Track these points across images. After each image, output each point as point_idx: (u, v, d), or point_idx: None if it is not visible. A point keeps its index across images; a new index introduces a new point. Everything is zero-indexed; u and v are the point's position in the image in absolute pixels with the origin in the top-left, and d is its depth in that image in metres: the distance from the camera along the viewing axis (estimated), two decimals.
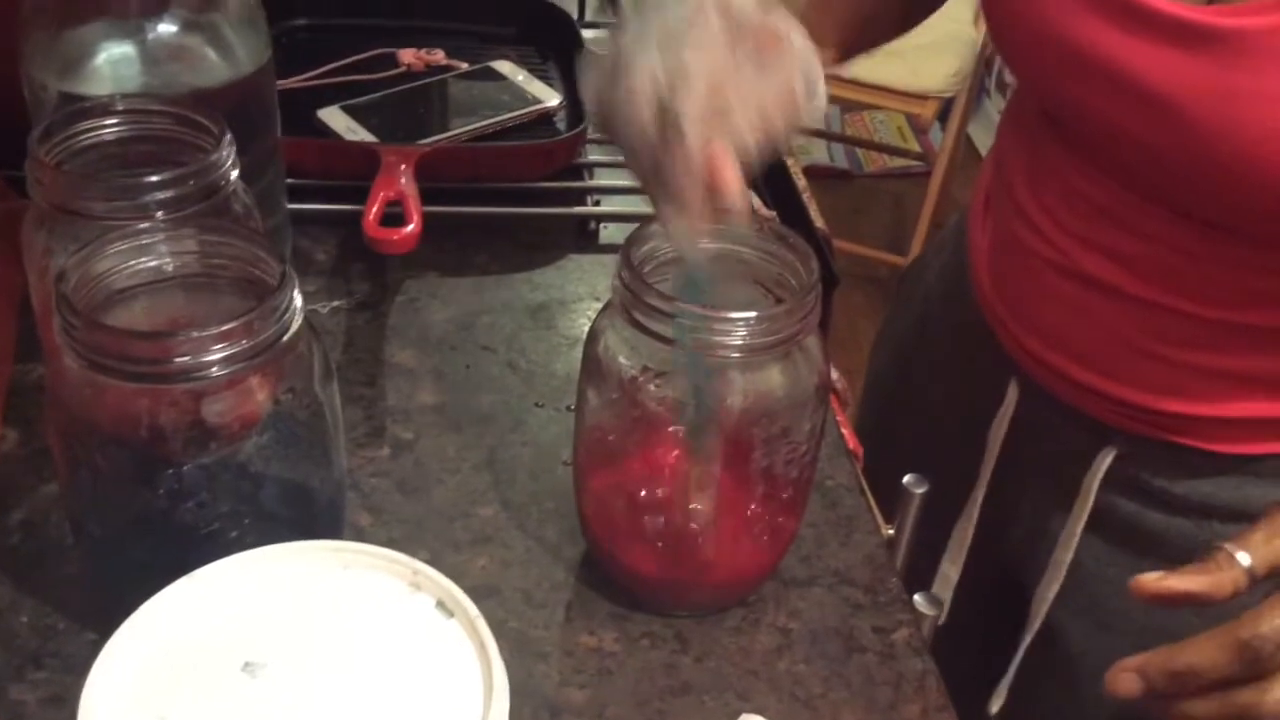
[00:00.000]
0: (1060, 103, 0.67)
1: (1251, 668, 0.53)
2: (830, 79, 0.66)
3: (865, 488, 0.72)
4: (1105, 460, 0.72)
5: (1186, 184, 0.62)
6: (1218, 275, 0.65)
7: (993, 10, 0.69)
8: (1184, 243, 0.64)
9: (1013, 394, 0.76)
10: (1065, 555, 0.76)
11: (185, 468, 0.51)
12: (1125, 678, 0.55)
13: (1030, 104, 0.74)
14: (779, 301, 0.57)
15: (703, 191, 0.52)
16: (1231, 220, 0.62)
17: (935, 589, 0.84)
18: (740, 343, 0.54)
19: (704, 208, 0.52)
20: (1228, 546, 0.55)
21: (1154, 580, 0.55)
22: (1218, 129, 0.58)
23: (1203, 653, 0.53)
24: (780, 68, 0.55)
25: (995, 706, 0.82)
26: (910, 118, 2.90)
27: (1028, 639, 0.79)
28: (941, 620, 0.77)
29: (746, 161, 0.53)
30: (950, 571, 0.83)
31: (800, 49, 0.57)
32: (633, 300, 0.55)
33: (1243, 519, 0.67)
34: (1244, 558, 0.55)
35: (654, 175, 0.53)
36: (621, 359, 0.58)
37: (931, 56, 2.19)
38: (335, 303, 0.79)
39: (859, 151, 2.97)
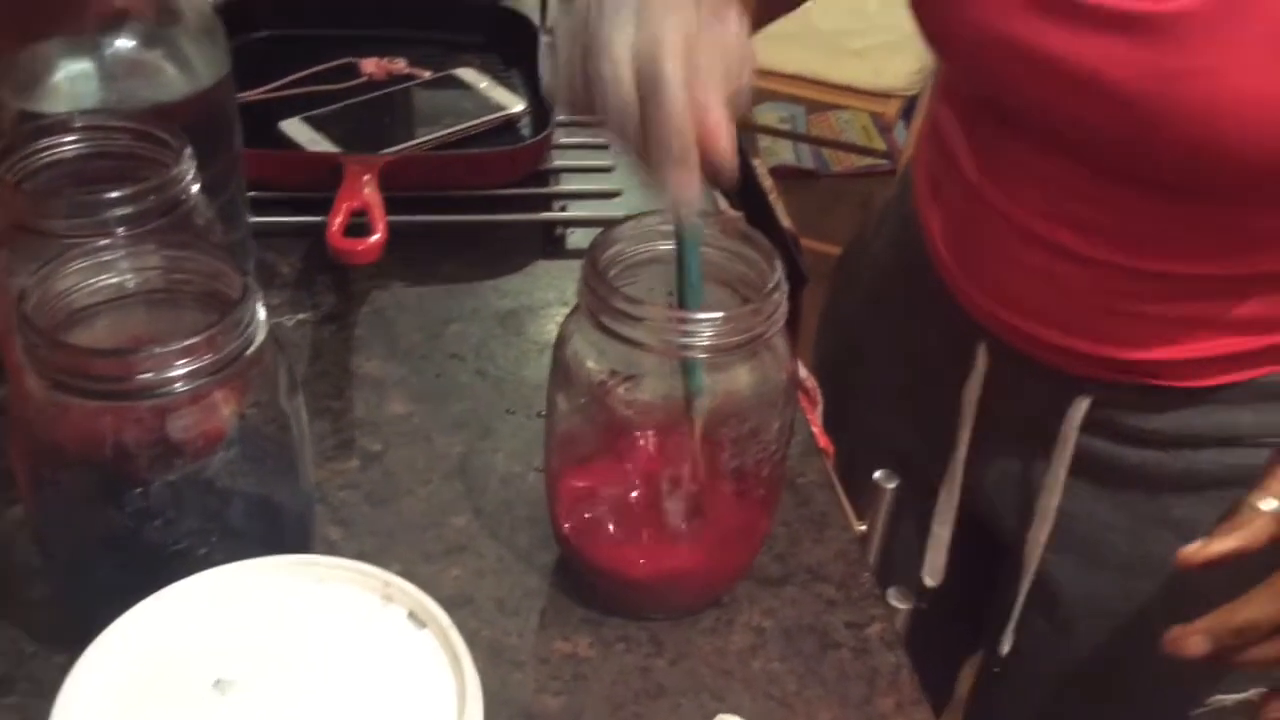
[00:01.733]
0: (1007, 97, 0.68)
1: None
2: (795, 80, 0.66)
3: (837, 484, 0.72)
4: (1080, 408, 0.75)
5: (1141, 161, 0.63)
6: (1183, 235, 0.66)
7: (924, 13, 0.70)
8: (1148, 210, 0.66)
9: (982, 357, 0.78)
10: (1051, 501, 0.78)
11: (151, 486, 0.51)
12: (1194, 640, 0.60)
13: (966, 91, 0.75)
14: (746, 301, 0.58)
15: (694, 145, 0.52)
16: (1191, 186, 0.63)
17: (928, 556, 0.85)
18: (708, 343, 0.54)
19: (696, 162, 0.52)
20: (1250, 498, 0.59)
21: (1195, 550, 0.60)
22: (1164, 111, 0.59)
23: (1260, 607, 0.59)
24: (730, 24, 0.55)
25: (1005, 648, 0.85)
26: (874, 116, 2.91)
27: (1026, 585, 0.81)
28: (937, 583, 0.79)
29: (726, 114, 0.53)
30: (941, 532, 0.84)
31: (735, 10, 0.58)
32: (599, 304, 0.55)
33: (1211, 443, 0.73)
34: (1269, 504, 0.60)
35: (643, 141, 0.52)
36: (590, 363, 0.58)
37: (893, 55, 2.20)
38: (301, 315, 0.78)
39: (825, 151, 2.98)
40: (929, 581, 0.85)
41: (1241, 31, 0.57)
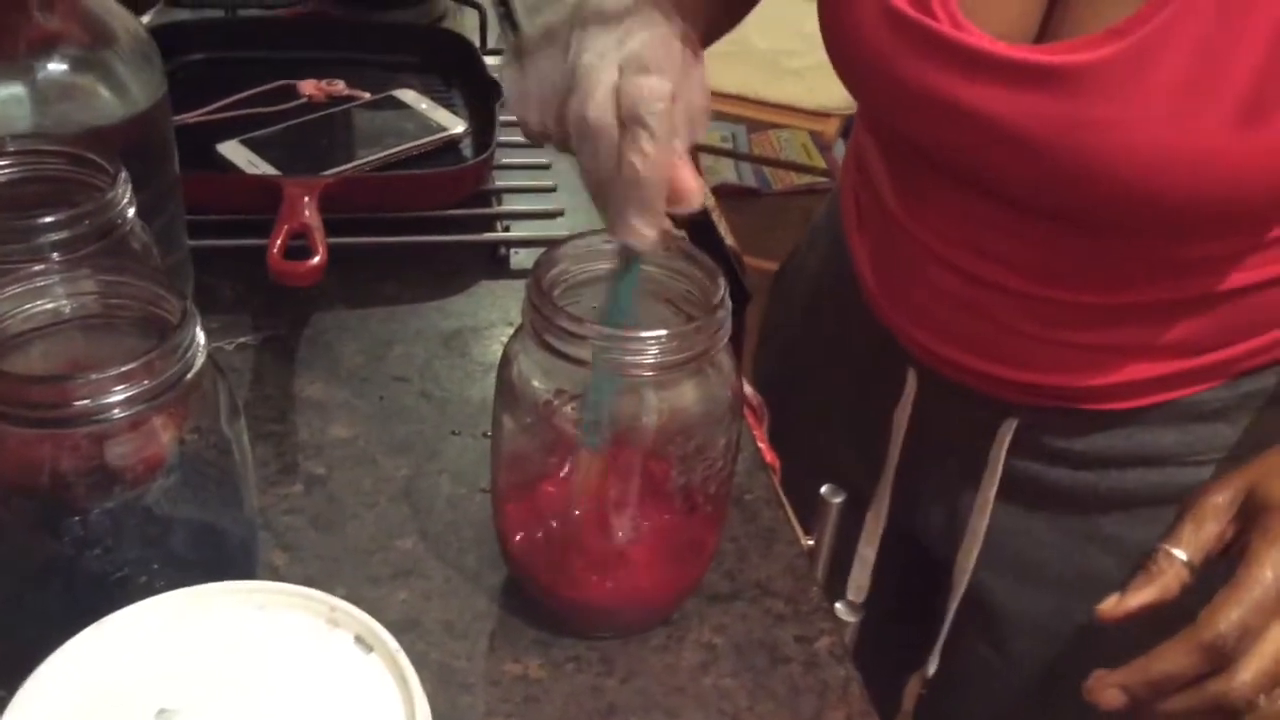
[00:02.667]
0: (922, 139, 0.69)
1: (1218, 662, 0.57)
2: (735, 99, 0.67)
3: (784, 500, 0.72)
4: (1008, 431, 0.75)
5: (1059, 202, 0.64)
6: (1107, 267, 0.67)
7: (839, 57, 0.70)
8: (1070, 245, 0.67)
9: (912, 382, 0.78)
10: (981, 523, 0.79)
11: (90, 514, 0.50)
12: (1109, 693, 0.60)
13: (885, 127, 0.76)
14: (690, 319, 0.58)
15: (664, 196, 0.52)
16: (1110, 224, 0.64)
17: (853, 574, 0.86)
18: (653, 361, 0.54)
19: (662, 210, 0.53)
20: (1163, 547, 0.60)
21: (1112, 606, 0.61)
22: (1074, 160, 0.60)
23: (1174, 659, 0.58)
24: (700, 68, 0.55)
25: (932, 669, 0.85)
26: (814, 135, 2.94)
27: (954, 604, 0.81)
28: (861, 600, 0.79)
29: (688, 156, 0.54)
30: (867, 553, 0.85)
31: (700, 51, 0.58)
32: (544, 323, 0.55)
33: (1137, 463, 0.73)
34: (1180, 554, 0.60)
35: (611, 172, 0.53)
36: (535, 383, 0.58)
37: (830, 75, 2.21)
38: (241, 339, 0.78)
39: (766, 170, 3.00)
40: (852, 599, 0.85)
41: (1145, 83, 0.57)
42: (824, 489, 0.76)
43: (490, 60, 1.05)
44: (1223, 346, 0.69)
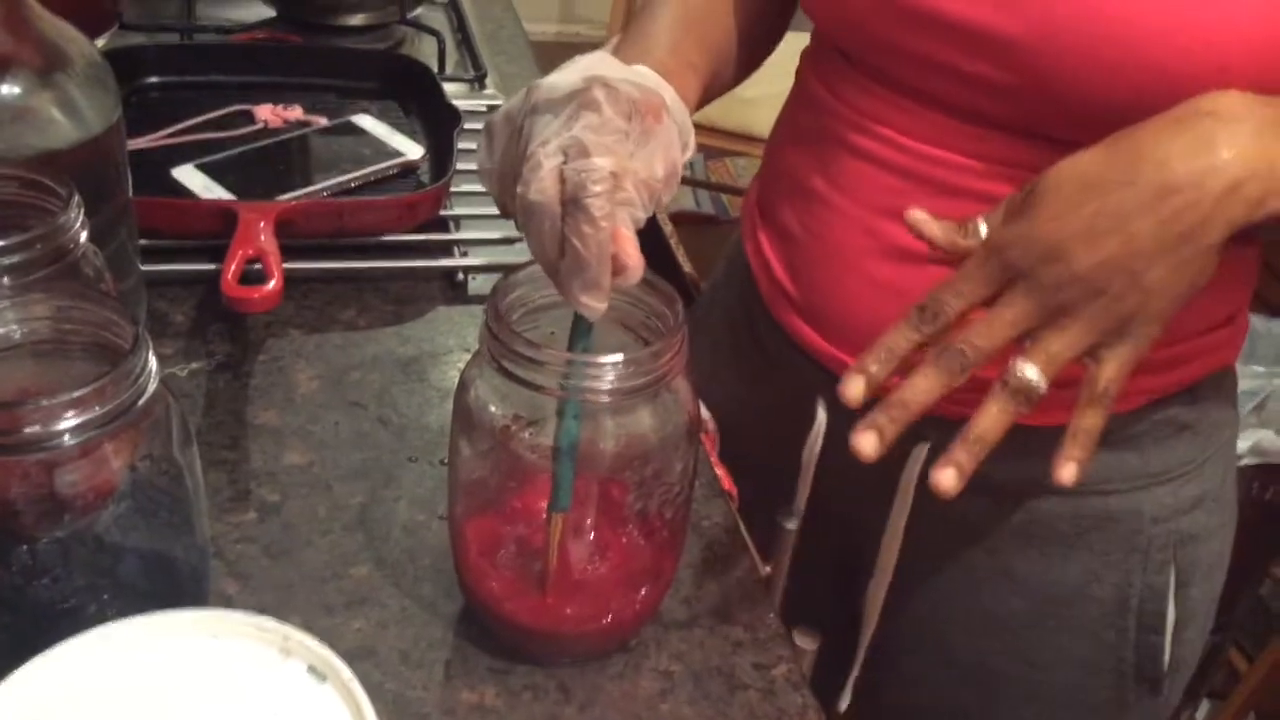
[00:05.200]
0: (888, 61, 0.68)
1: (935, 323, 0.57)
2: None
3: (741, 526, 0.72)
4: (920, 455, 0.73)
5: (1035, 78, 0.63)
6: None
7: None
8: (1013, 173, 0.65)
9: (821, 415, 0.77)
10: (891, 556, 0.77)
11: (39, 542, 0.49)
12: (866, 431, 0.58)
13: (829, 72, 0.74)
14: (647, 344, 0.58)
15: (608, 272, 0.53)
16: (1068, 117, 0.63)
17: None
18: (610, 386, 0.54)
19: (608, 285, 0.54)
20: (978, 218, 0.58)
21: (917, 217, 0.59)
22: (1048, 55, 0.60)
23: (891, 334, 0.58)
24: (662, 133, 0.57)
25: (843, 705, 0.84)
26: None
27: (866, 636, 0.81)
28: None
29: (639, 228, 0.55)
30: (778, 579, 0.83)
31: (673, 107, 0.60)
32: (501, 349, 0.55)
33: (1051, 491, 0.69)
34: (982, 229, 0.59)
35: (557, 250, 0.54)
36: (492, 408, 0.58)
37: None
38: (194, 365, 0.77)
39: (724, 197, 3.02)
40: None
41: None
42: (779, 515, 0.76)
43: (448, 87, 1.05)
44: None
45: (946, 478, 0.57)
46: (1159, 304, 0.55)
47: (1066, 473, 0.57)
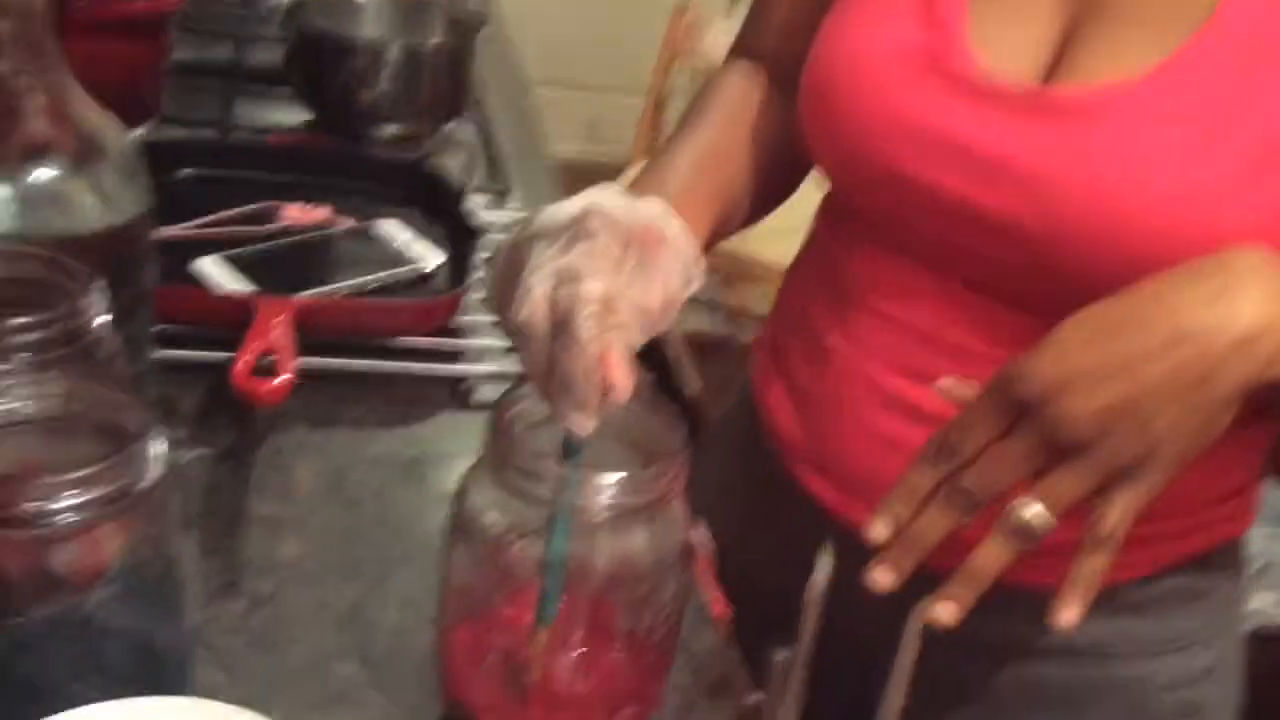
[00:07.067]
0: (899, 212, 0.69)
1: (951, 461, 0.57)
2: (708, 253, 0.68)
3: (733, 653, 0.72)
4: (923, 611, 0.72)
5: (1032, 279, 0.64)
6: None
7: (823, 104, 0.70)
8: (1020, 340, 0.63)
9: (826, 562, 0.76)
10: (895, 702, 0.74)
11: (27, 617, 0.49)
12: (883, 566, 0.59)
13: (845, 232, 0.74)
14: (647, 463, 0.58)
15: (597, 391, 0.54)
16: (1077, 298, 0.62)
17: None
18: (602, 504, 0.55)
19: (596, 407, 0.55)
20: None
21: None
22: (1077, 193, 0.61)
23: (910, 474, 0.58)
24: (661, 264, 0.58)
25: None
26: None
27: None
28: None
29: (633, 354, 0.56)
30: None
31: (677, 240, 0.60)
32: (500, 459, 0.56)
33: (1052, 655, 0.71)
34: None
35: (549, 374, 0.56)
36: (489, 517, 0.58)
37: (799, 235, 2.28)
38: (199, 451, 0.77)
39: (738, 320, 3.04)
40: None
41: (1160, 123, 0.59)
42: (776, 645, 0.75)
43: (473, 198, 1.08)
44: (1145, 520, 0.66)
45: (944, 611, 0.57)
46: (1167, 451, 0.55)
47: (1065, 616, 0.57)
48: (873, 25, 0.68)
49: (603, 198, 0.60)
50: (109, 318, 0.60)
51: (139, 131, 1.09)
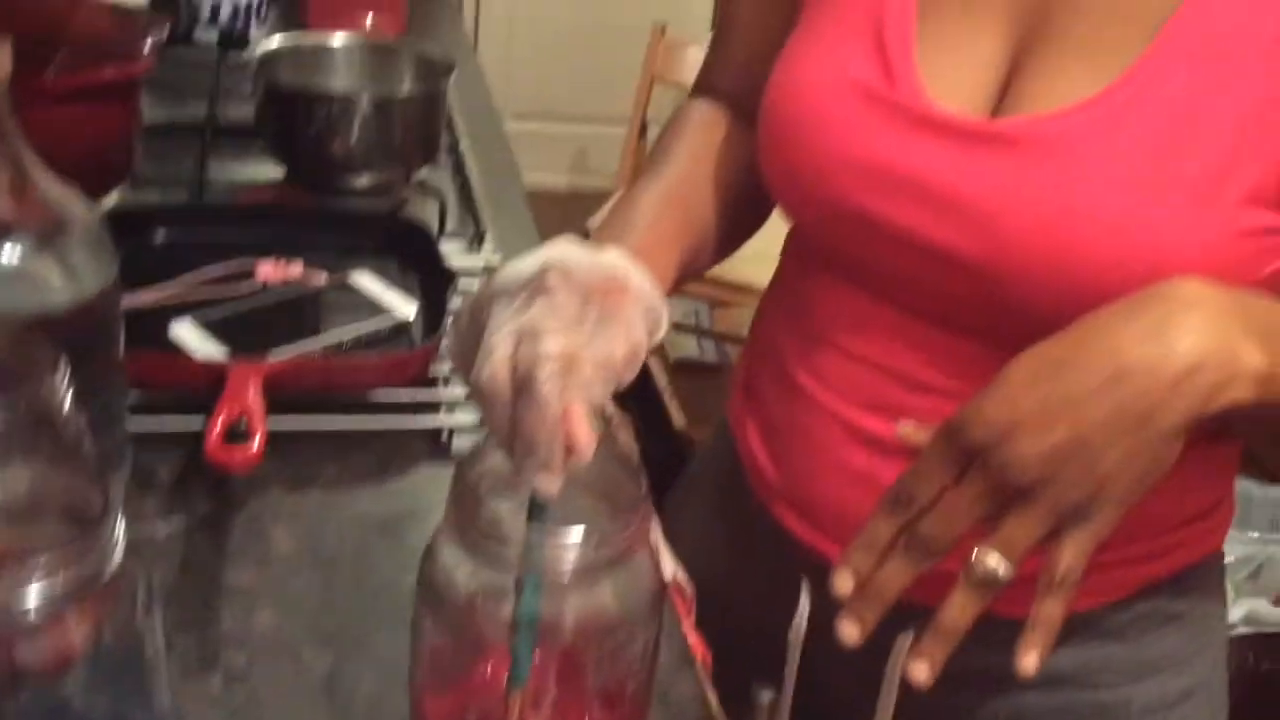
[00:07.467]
0: (855, 240, 0.69)
1: (909, 509, 0.57)
2: (695, 279, 0.68)
3: (712, 697, 0.72)
4: (905, 644, 0.72)
5: (994, 293, 0.64)
6: None
7: (779, 139, 0.70)
8: (981, 373, 0.64)
9: (805, 600, 0.76)
10: None
11: None
12: (848, 619, 0.60)
13: (809, 267, 0.75)
14: (613, 513, 0.59)
15: (562, 450, 0.54)
16: (1031, 329, 0.62)
17: None
18: (569, 562, 0.55)
19: (560, 465, 0.55)
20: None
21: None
22: (1022, 225, 0.61)
23: (870, 525, 0.59)
24: (623, 314, 0.58)
25: None
26: None
27: None
28: None
29: (596, 409, 0.56)
30: None
31: (640, 288, 0.61)
32: (464, 520, 0.56)
33: (1033, 684, 0.66)
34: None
35: (510, 432, 0.56)
36: (457, 578, 0.58)
37: None
38: (174, 520, 0.77)
39: (728, 346, 3.04)
40: None
41: (1110, 151, 0.60)
42: (753, 686, 0.75)
43: (448, 244, 1.08)
44: (1112, 546, 0.65)
45: (919, 671, 0.57)
46: (1115, 489, 0.55)
47: (1027, 663, 0.57)
48: (823, 58, 0.69)
49: (561, 252, 0.60)
50: (73, 397, 0.60)
51: (111, 197, 1.10)
